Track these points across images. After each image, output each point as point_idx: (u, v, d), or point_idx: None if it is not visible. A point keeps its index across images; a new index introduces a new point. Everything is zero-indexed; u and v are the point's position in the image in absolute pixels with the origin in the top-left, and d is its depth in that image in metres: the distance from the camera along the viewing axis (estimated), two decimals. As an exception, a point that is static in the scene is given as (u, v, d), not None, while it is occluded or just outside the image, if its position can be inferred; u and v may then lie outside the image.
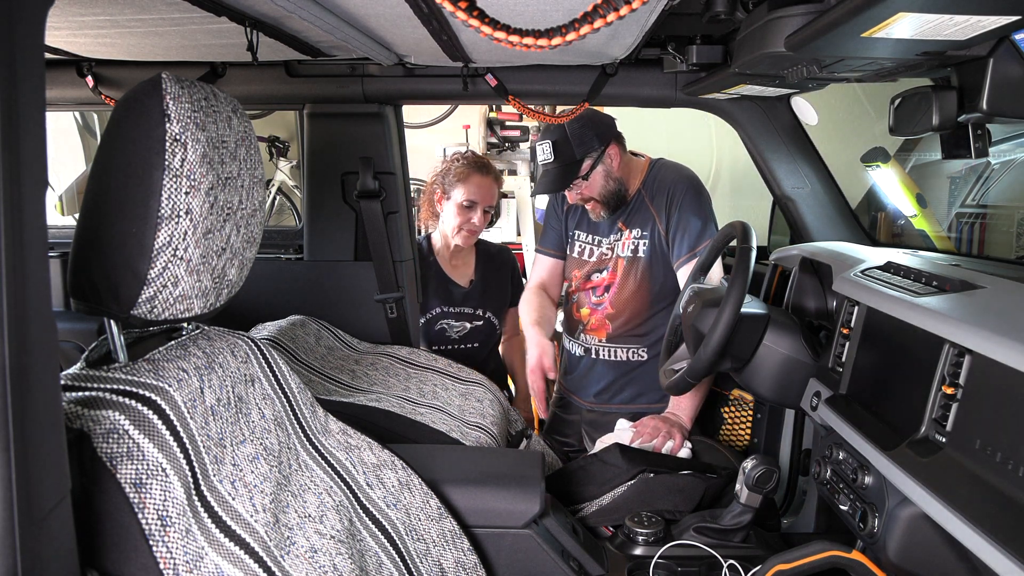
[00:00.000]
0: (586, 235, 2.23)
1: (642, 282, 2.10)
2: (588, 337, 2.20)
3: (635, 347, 2.15)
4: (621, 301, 2.13)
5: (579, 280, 2.22)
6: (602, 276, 2.18)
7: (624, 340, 2.15)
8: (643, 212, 2.11)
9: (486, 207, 2.34)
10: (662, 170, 2.12)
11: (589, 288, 2.20)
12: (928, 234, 2.41)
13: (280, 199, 4.42)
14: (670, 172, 2.11)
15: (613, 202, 2.11)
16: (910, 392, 1.06)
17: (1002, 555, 0.79)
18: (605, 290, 2.17)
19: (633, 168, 2.14)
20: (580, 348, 2.23)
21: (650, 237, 2.08)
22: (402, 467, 1.21)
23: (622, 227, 2.14)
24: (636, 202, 2.13)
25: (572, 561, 1.33)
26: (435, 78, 1.97)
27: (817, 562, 1.12)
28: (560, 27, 1.04)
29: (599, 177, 2.07)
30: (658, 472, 1.60)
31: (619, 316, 2.14)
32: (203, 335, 1.00)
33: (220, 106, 0.88)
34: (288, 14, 1.21)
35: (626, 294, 2.12)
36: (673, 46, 1.71)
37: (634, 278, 2.11)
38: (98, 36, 1.49)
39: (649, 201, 2.10)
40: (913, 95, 1.32)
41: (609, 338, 2.16)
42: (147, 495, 0.76)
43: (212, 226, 0.85)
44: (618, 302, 2.13)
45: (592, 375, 2.22)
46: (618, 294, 2.13)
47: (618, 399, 2.19)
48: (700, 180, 2.11)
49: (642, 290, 2.11)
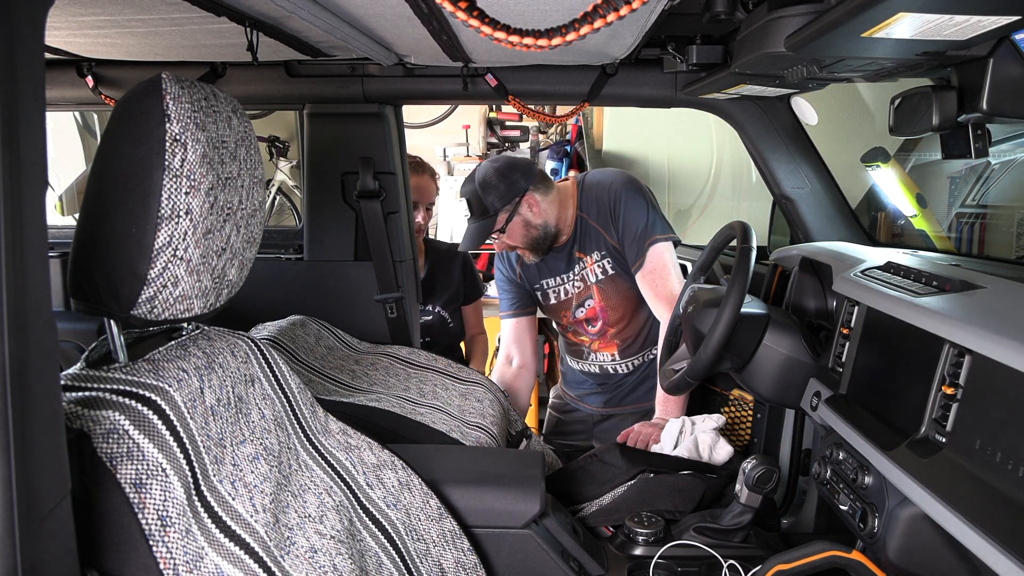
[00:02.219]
0: (551, 279, 2.20)
1: (627, 294, 2.10)
2: (599, 355, 2.21)
3: (648, 350, 2.18)
4: (617, 319, 2.13)
5: (570, 319, 2.21)
6: (587, 309, 2.16)
7: (636, 350, 2.17)
8: (591, 233, 2.09)
9: (427, 205, 2.46)
10: (590, 186, 2.09)
11: (582, 321, 2.19)
12: (928, 234, 2.40)
13: (280, 199, 4.41)
14: (597, 184, 2.08)
15: (540, 247, 2.08)
16: (910, 392, 1.06)
17: (1002, 555, 0.79)
18: (597, 320, 2.16)
19: (563, 200, 2.09)
20: (594, 367, 2.23)
21: (610, 253, 2.08)
22: (402, 467, 1.21)
23: (580, 255, 2.12)
24: (580, 227, 2.10)
25: (572, 561, 1.33)
26: (435, 78, 1.97)
27: (817, 562, 1.12)
28: (560, 27, 1.04)
29: (518, 227, 2.04)
30: (658, 472, 1.60)
31: (622, 332, 2.15)
32: (203, 335, 1.00)
33: (220, 106, 0.88)
34: (288, 14, 1.21)
35: (619, 312, 2.13)
36: (673, 46, 1.71)
37: (618, 295, 2.11)
38: (98, 36, 1.49)
39: (591, 220, 2.08)
40: (913, 95, 1.32)
41: (622, 352, 2.17)
42: (147, 495, 0.76)
43: (212, 226, 0.85)
44: (615, 321, 2.14)
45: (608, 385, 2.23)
46: (611, 315, 2.13)
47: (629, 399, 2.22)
48: (629, 177, 2.09)
49: (631, 301, 2.11)
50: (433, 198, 2.53)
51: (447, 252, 2.64)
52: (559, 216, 2.08)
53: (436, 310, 2.56)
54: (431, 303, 2.55)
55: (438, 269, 2.58)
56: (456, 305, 2.62)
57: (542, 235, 2.07)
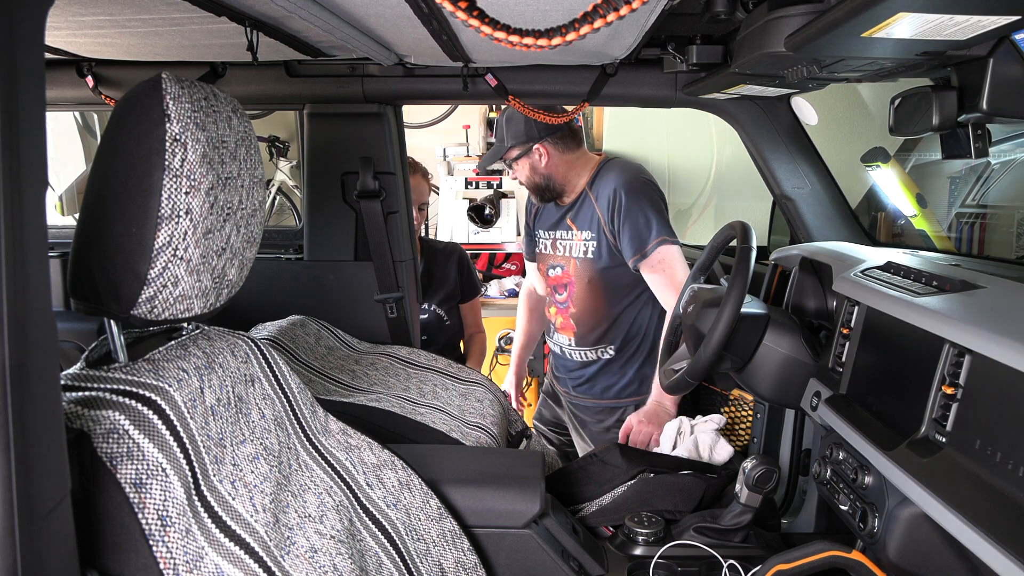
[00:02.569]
0: (544, 231, 2.32)
1: (598, 284, 2.14)
2: (559, 337, 2.29)
3: (603, 346, 2.22)
4: (581, 300, 2.19)
5: (544, 274, 2.32)
6: (558, 273, 2.25)
7: (590, 343, 2.22)
8: (589, 211, 2.14)
9: (420, 205, 2.49)
10: (608, 171, 2.13)
11: (552, 286, 2.29)
12: (928, 234, 2.40)
13: (280, 199, 4.41)
14: (613, 173, 2.11)
15: (540, 194, 2.21)
16: (910, 392, 1.06)
17: (1002, 555, 0.79)
18: (564, 288, 2.23)
19: (579, 167, 2.17)
20: (556, 347, 2.34)
21: (598, 239, 2.11)
22: (402, 467, 1.21)
23: (571, 225, 2.19)
24: (583, 201, 2.16)
25: (572, 561, 1.33)
26: (435, 78, 1.97)
27: (817, 562, 1.12)
28: (560, 27, 1.04)
29: (524, 167, 2.17)
30: (658, 472, 1.60)
31: (582, 317, 2.20)
32: (203, 335, 1.00)
33: (220, 106, 0.88)
34: (288, 14, 1.21)
35: (585, 295, 2.18)
36: (673, 46, 1.71)
37: (590, 280, 2.15)
38: (98, 36, 1.49)
39: (595, 200, 2.13)
40: (913, 95, 1.32)
41: (577, 340, 2.23)
42: (147, 495, 0.76)
43: (212, 226, 0.85)
44: (579, 300, 2.20)
45: (568, 371, 2.32)
46: (578, 293, 2.20)
47: (592, 392, 2.28)
48: (644, 175, 2.12)
49: (599, 291, 2.15)
50: (426, 198, 2.56)
51: (443, 251, 2.65)
52: (567, 177, 2.17)
53: (432, 308, 2.57)
54: (427, 301, 2.56)
55: (434, 267, 2.59)
56: (453, 303, 2.62)
57: (544, 184, 2.17)
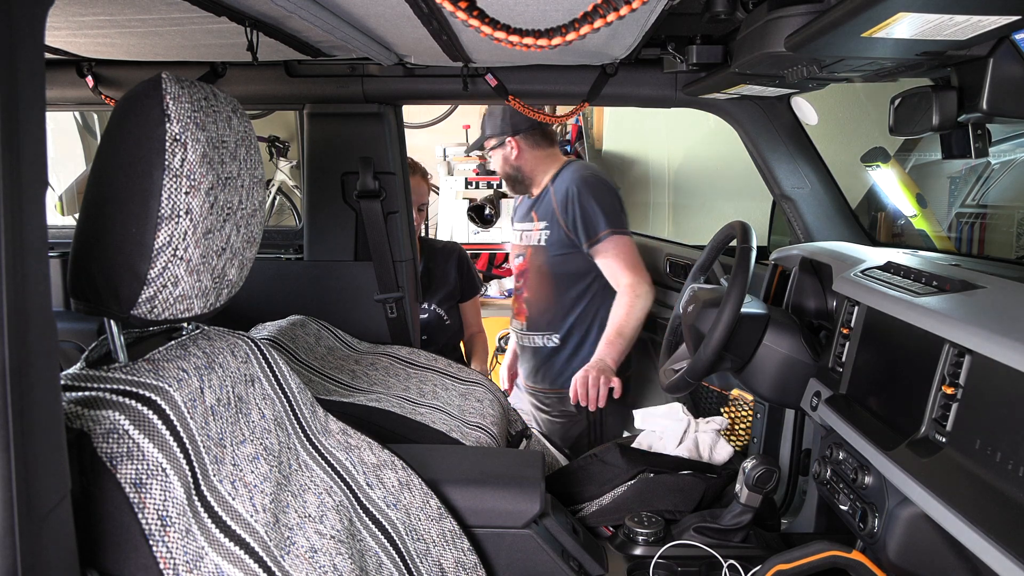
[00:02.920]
0: (517, 223, 2.55)
1: (547, 270, 2.37)
2: (515, 323, 2.51)
3: (549, 334, 2.39)
4: (533, 285, 2.41)
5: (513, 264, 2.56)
6: (520, 261, 2.48)
7: (539, 328, 2.41)
8: (548, 204, 2.37)
9: (419, 205, 2.53)
10: (568, 169, 2.38)
11: (516, 275, 2.52)
12: (928, 234, 2.40)
13: (280, 199, 4.41)
14: (571, 170, 2.36)
15: (511, 184, 2.48)
16: (910, 392, 1.06)
17: (1002, 555, 0.79)
18: (523, 275, 2.48)
19: (546, 164, 2.42)
20: (514, 333, 2.55)
21: (551, 227, 2.36)
22: (402, 467, 1.21)
23: (534, 216, 2.43)
24: (544, 194, 2.40)
25: (572, 561, 1.33)
26: (435, 78, 1.97)
27: (817, 562, 1.12)
28: (560, 27, 1.04)
29: (497, 157, 2.44)
30: (658, 472, 1.60)
31: (532, 301, 2.41)
32: (203, 335, 1.00)
33: (220, 106, 0.88)
34: (288, 14, 1.21)
35: (536, 280, 2.40)
36: (673, 46, 1.71)
37: (540, 266, 2.39)
38: (98, 36, 1.49)
39: (553, 194, 2.36)
40: (913, 95, 1.32)
41: (528, 324, 2.43)
42: (147, 495, 0.76)
43: (212, 226, 0.85)
44: (531, 286, 2.41)
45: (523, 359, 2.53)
46: (531, 279, 2.42)
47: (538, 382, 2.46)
48: (599, 174, 2.37)
49: (548, 277, 2.38)
50: (425, 198, 2.59)
51: (443, 250, 2.66)
52: (534, 171, 2.42)
53: (432, 308, 2.57)
54: (427, 301, 2.56)
55: (433, 267, 2.60)
56: (453, 303, 2.62)
57: (514, 175, 2.44)
